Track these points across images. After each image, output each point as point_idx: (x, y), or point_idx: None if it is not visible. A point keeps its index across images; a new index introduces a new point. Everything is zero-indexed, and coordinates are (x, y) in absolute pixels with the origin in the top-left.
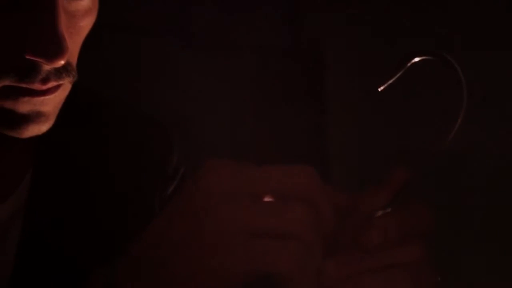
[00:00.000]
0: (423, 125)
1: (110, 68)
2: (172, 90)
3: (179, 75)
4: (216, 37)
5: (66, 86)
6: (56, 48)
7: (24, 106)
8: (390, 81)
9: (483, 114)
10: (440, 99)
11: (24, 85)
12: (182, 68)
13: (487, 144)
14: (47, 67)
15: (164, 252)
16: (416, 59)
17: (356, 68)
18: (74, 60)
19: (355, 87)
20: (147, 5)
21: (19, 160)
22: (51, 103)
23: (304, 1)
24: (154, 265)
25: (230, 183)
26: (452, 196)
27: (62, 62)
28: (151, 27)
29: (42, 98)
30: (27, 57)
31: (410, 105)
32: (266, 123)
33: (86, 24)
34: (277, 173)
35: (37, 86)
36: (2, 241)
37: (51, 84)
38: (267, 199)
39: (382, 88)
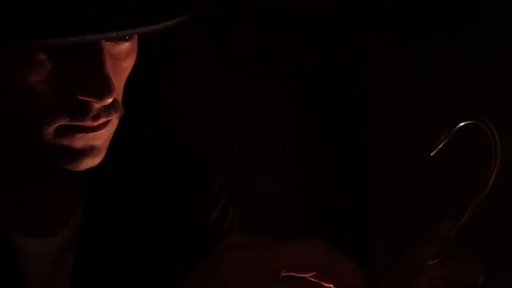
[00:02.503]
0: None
1: (147, 90)
2: (211, 113)
3: (219, 98)
4: (256, 60)
5: (114, 121)
6: (104, 88)
7: (79, 142)
8: (440, 146)
9: None
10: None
11: (77, 123)
12: (221, 91)
13: None
14: (97, 105)
15: None
16: (462, 124)
17: (397, 90)
18: (120, 97)
19: (398, 113)
20: (186, 27)
21: (71, 195)
22: (102, 138)
23: (346, 24)
24: None
25: (244, 265)
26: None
27: (110, 99)
28: (191, 49)
29: (94, 133)
30: (80, 98)
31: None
32: (306, 149)
33: (128, 64)
34: (288, 251)
35: (89, 123)
36: (57, 270)
37: (102, 120)
38: (281, 276)
39: (433, 153)
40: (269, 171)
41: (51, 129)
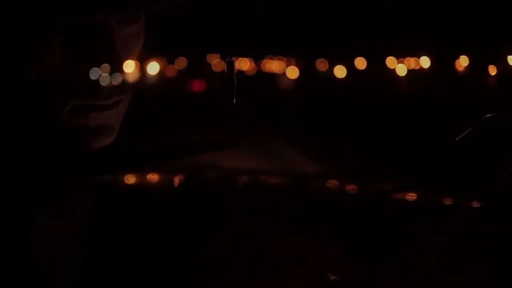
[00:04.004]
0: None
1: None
2: (217, 107)
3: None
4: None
5: (125, 100)
6: (115, 68)
7: (93, 120)
8: (466, 132)
9: None
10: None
11: (91, 103)
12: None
13: None
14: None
15: None
16: (488, 115)
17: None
18: (129, 78)
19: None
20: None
21: (85, 176)
22: (114, 116)
23: (356, 32)
24: None
25: (258, 251)
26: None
27: (121, 79)
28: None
29: (107, 112)
30: (92, 78)
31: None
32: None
33: (137, 46)
34: (299, 243)
35: (102, 102)
36: (71, 247)
37: (114, 99)
38: (289, 265)
39: (458, 138)
40: (273, 167)
41: (66, 109)
